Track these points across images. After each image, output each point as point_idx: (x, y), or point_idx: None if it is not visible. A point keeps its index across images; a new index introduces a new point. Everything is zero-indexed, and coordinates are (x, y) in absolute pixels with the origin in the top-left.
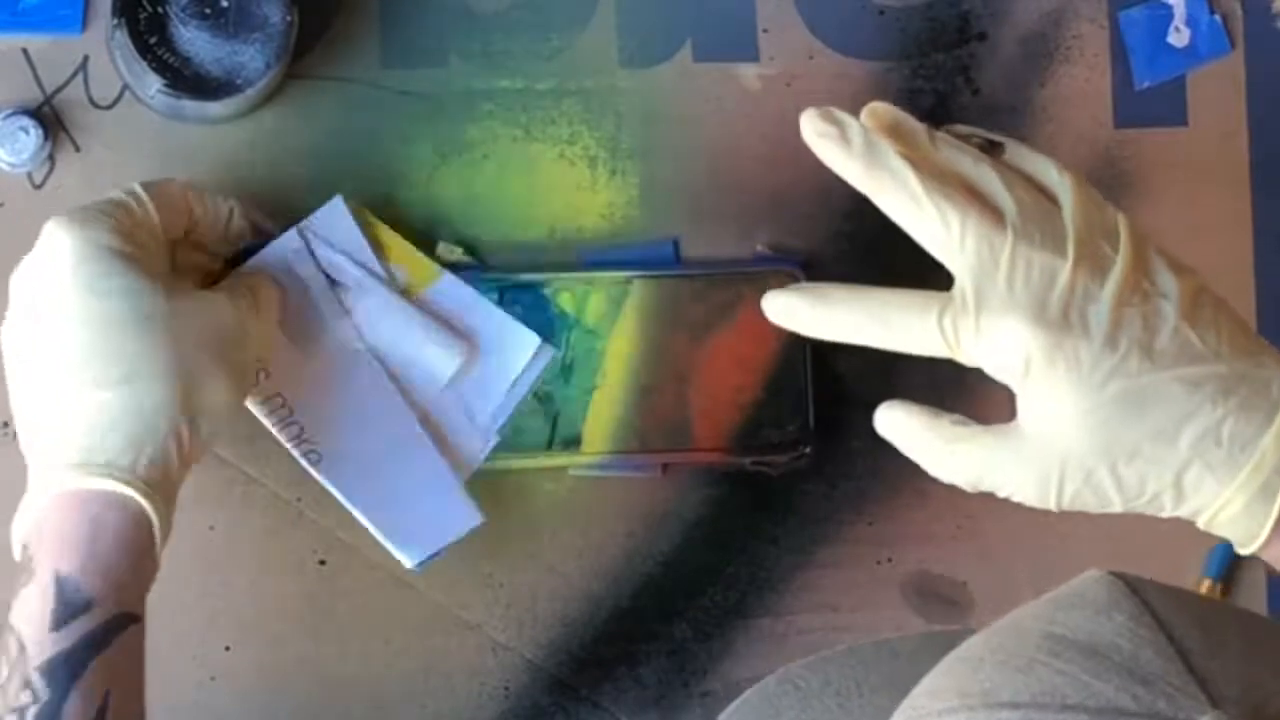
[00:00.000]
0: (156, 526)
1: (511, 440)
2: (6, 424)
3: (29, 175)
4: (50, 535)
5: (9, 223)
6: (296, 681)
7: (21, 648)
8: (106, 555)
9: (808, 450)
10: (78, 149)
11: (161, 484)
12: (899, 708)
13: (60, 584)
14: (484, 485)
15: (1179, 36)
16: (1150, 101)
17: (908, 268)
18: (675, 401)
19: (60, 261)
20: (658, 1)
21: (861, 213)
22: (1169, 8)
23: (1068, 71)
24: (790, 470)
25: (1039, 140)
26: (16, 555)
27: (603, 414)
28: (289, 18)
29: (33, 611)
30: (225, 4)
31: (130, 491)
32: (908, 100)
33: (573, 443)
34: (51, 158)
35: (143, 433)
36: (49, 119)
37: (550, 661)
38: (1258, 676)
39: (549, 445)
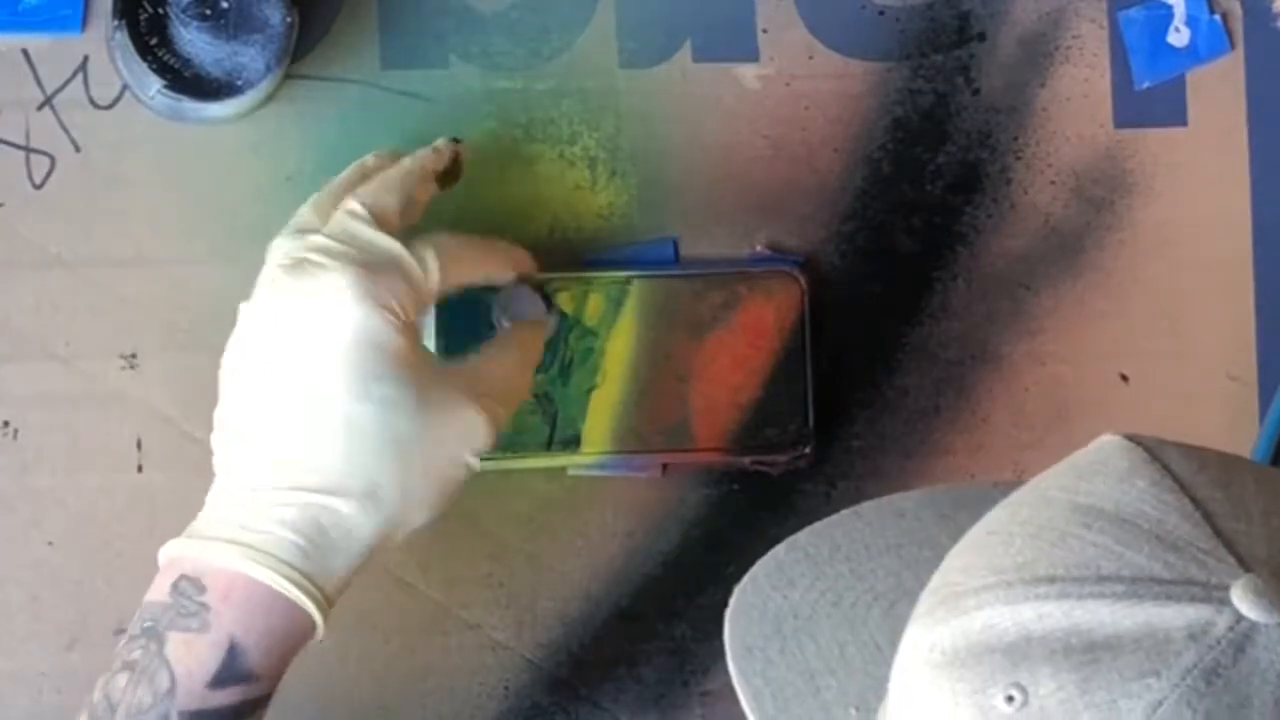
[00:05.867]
0: (317, 637)
1: (511, 440)
2: (7, 423)
3: (29, 175)
4: (238, 603)
5: (9, 223)
6: (297, 681)
7: (172, 685)
8: (278, 643)
9: (808, 450)
10: (77, 149)
11: (334, 599)
12: (929, 586)
13: (234, 650)
14: (484, 485)
15: (1179, 36)
16: (1150, 101)
17: (907, 268)
18: (675, 401)
19: (337, 340)
20: (658, 2)
21: (861, 213)
22: (1169, 8)
23: (1068, 71)
24: (790, 470)
25: (1039, 140)
26: (172, 572)
27: (602, 414)
28: (289, 19)
29: (199, 661)
30: (226, 5)
31: (316, 613)
32: (908, 100)
33: (572, 443)
34: (51, 158)
35: (352, 554)
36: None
37: (550, 661)
38: None
39: (548, 445)
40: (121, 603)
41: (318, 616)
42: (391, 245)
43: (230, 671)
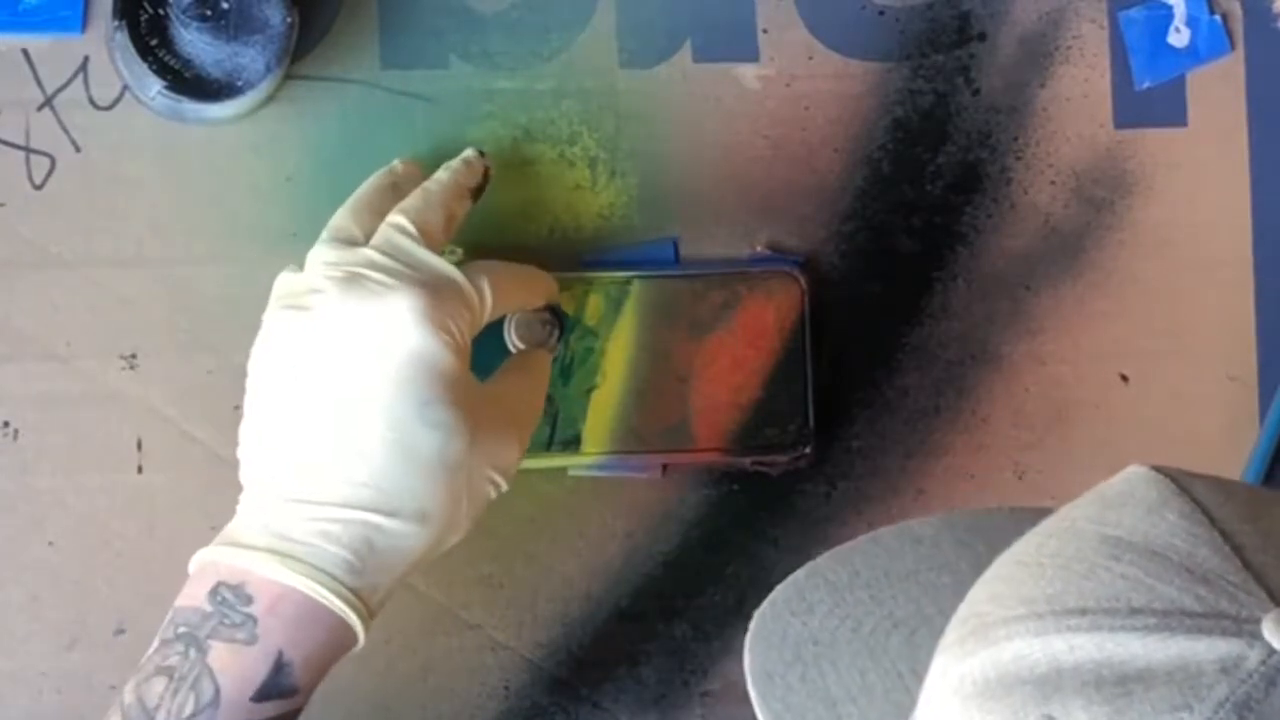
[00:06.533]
0: (357, 648)
1: None
2: (7, 423)
3: (29, 175)
4: (288, 617)
5: (9, 223)
6: None
7: (216, 695)
8: (321, 658)
9: (808, 450)
10: (78, 149)
11: (376, 615)
12: (958, 615)
13: (280, 664)
14: None
15: (1179, 37)
16: (1150, 101)
17: (907, 268)
18: (675, 401)
19: (394, 359)
20: (658, 2)
21: (861, 213)
22: (1169, 8)
23: (1068, 71)
24: (790, 470)
25: (1039, 140)
26: (208, 579)
27: (602, 414)
28: (289, 19)
29: (244, 673)
30: (226, 6)
31: (360, 629)
32: (908, 100)
33: (572, 443)
34: (51, 158)
35: (397, 571)
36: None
37: (550, 661)
38: None
39: (548, 445)
40: (121, 603)
41: (361, 633)
42: (447, 268)
43: (275, 686)
